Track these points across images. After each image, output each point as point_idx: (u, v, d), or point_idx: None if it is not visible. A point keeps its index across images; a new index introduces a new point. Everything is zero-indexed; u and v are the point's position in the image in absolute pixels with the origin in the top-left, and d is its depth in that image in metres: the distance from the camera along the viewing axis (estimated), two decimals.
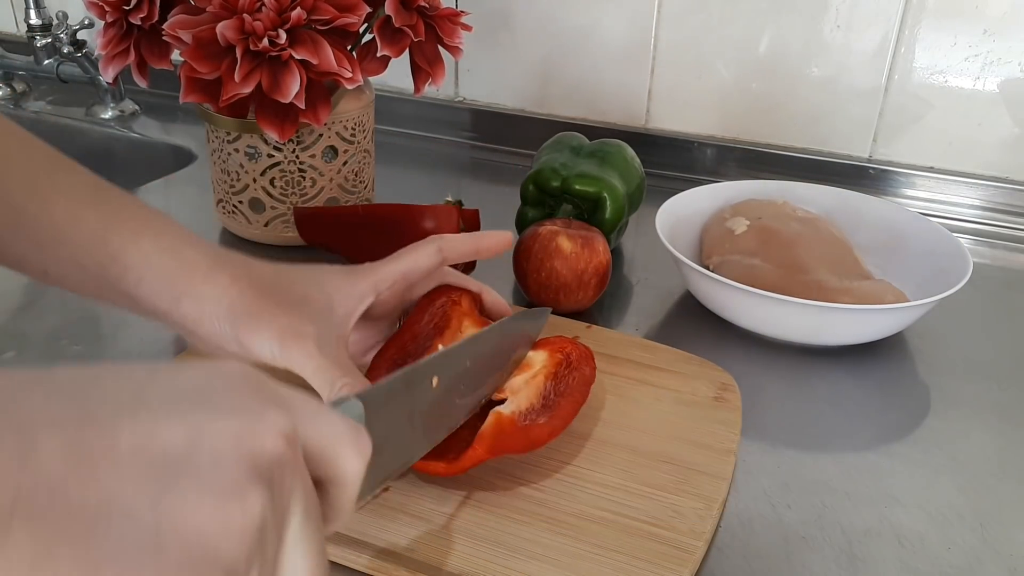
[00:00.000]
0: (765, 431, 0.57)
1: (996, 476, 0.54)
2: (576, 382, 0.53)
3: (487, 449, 0.46)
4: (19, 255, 0.46)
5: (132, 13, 0.71)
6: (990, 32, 0.85)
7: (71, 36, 1.08)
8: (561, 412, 0.50)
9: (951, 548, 0.48)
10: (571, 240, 0.67)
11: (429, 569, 0.43)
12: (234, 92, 0.63)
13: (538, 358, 0.54)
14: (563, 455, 0.52)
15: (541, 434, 0.49)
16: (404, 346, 0.52)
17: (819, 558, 0.47)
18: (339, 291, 0.49)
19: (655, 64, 0.98)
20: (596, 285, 0.67)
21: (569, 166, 0.75)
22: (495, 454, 0.47)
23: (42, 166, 0.46)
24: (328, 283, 0.50)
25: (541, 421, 0.49)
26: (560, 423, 0.50)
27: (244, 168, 0.76)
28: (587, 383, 0.53)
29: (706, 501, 0.48)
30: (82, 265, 0.45)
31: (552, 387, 0.52)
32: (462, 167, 1.05)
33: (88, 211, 0.45)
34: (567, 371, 0.54)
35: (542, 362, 0.54)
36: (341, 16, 0.65)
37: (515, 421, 0.48)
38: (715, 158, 0.99)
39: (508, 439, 0.47)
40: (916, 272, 0.71)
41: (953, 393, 0.62)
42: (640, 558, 0.44)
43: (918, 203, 0.92)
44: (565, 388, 0.52)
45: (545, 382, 0.52)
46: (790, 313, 0.63)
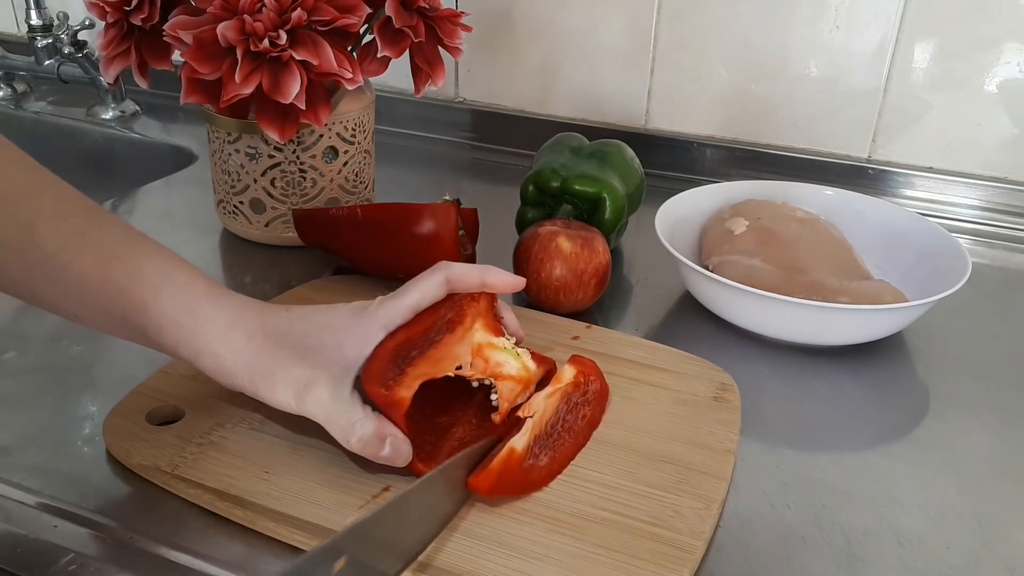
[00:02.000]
0: (764, 431, 0.58)
1: (995, 476, 0.54)
2: (584, 421, 0.53)
3: (489, 488, 0.47)
4: (51, 301, 0.49)
5: (133, 14, 0.71)
6: (989, 32, 0.85)
7: (72, 37, 1.09)
8: (560, 455, 0.51)
9: (950, 548, 0.48)
10: (571, 240, 0.67)
11: (429, 569, 0.44)
12: (235, 93, 0.63)
13: (568, 373, 0.54)
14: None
15: (537, 479, 0.49)
16: (412, 337, 0.51)
17: (818, 558, 0.47)
18: (350, 336, 0.50)
19: (655, 65, 0.98)
20: (596, 285, 0.68)
21: (569, 167, 0.75)
22: (493, 494, 0.47)
23: (73, 216, 0.49)
24: (340, 328, 0.50)
25: (543, 461, 0.49)
26: (557, 467, 0.50)
27: (245, 169, 0.76)
28: (592, 426, 0.54)
29: (705, 501, 0.48)
30: (109, 314, 0.49)
31: (563, 413, 0.52)
32: (462, 167, 1.05)
33: (115, 265, 0.48)
34: (581, 402, 0.54)
35: (569, 379, 0.54)
36: (341, 17, 0.65)
37: (522, 460, 0.48)
38: (715, 158, 0.99)
39: (509, 481, 0.48)
40: (915, 272, 0.71)
41: (952, 393, 0.62)
42: (640, 558, 0.45)
43: (917, 203, 0.92)
44: (573, 423, 0.52)
45: (560, 403, 0.53)
46: (789, 313, 0.63)
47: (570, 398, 0.53)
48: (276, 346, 0.48)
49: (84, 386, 0.60)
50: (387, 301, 0.52)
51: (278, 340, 0.49)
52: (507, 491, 0.48)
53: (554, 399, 0.52)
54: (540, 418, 0.51)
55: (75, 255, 0.47)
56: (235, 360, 0.48)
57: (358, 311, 0.51)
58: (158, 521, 0.48)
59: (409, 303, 0.52)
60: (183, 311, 0.48)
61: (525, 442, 0.49)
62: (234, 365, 0.48)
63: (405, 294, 0.52)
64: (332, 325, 0.51)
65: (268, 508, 0.47)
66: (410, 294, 0.52)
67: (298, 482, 0.49)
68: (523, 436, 0.49)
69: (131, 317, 0.48)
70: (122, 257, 0.48)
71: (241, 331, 0.49)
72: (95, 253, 0.48)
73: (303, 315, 0.51)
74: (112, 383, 0.59)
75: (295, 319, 0.50)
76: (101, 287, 0.48)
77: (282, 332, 0.49)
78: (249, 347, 0.48)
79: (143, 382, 0.57)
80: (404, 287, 0.53)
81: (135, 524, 0.47)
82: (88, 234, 0.48)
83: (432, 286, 0.53)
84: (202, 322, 0.48)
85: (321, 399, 0.47)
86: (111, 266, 0.48)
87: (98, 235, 0.48)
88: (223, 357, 0.48)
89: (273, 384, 0.48)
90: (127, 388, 0.56)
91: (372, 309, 0.52)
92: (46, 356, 0.63)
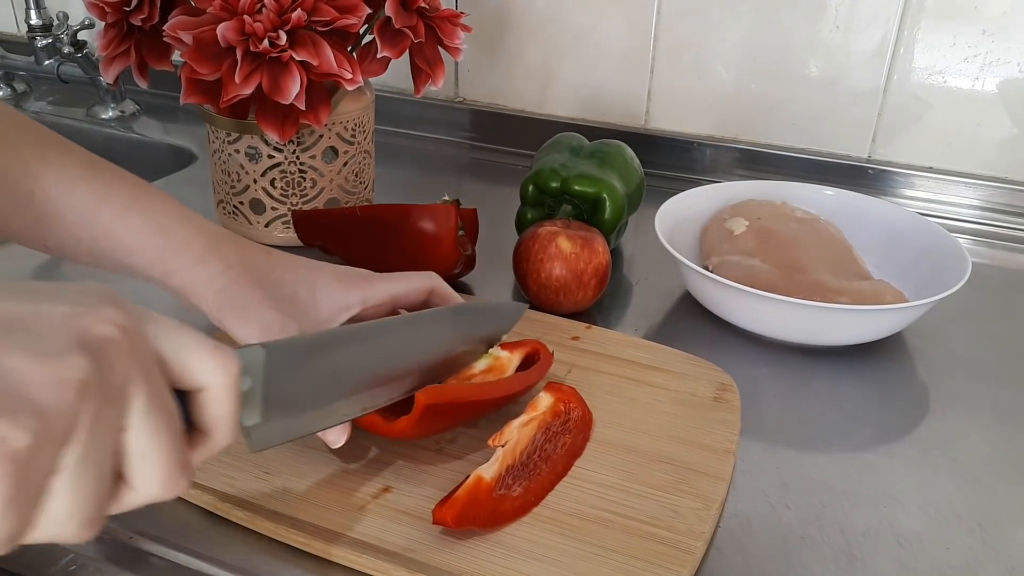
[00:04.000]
0: (764, 431, 0.58)
1: (994, 476, 0.54)
2: (564, 451, 0.51)
3: (455, 519, 0.44)
4: (19, 230, 0.48)
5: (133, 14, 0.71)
6: (989, 32, 0.85)
7: (72, 37, 1.09)
8: (537, 485, 0.49)
9: (949, 548, 0.48)
10: (571, 240, 0.67)
11: (429, 569, 0.44)
12: (235, 93, 0.63)
13: (544, 401, 0.52)
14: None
15: (510, 510, 0.47)
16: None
17: (818, 558, 0.47)
18: (328, 297, 0.51)
19: (655, 65, 0.98)
20: (596, 285, 0.68)
21: (568, 167, 0.75)
22: (460, 526, 0.45)
23: (33, 145, 0.48)
24: (319, 285, 0.51)
25: (516, 492, 0.47)
26: (534, 498, 0.48)
27: (245, 169, 0.76)
28: (573, 455, 0.51)
29: (705, 501, 0.48)
30: (77, 238, 0.48)
31: (540, 443, 0.50)
32: (462, 167, 1.05)
33: (79, 187, 0.48)
34: (561, 430, 0.52)
35: (545, 407, 0.52)
36: (341, 17, 0.65)
37: (492, 490, 0.46)
38: (714, 158, 0.99)
39: (478, 511, 0.45)
40: (915, 272, 0.71)
41: (952, 393, 0.62)
42: (639, 558, 0.45)
43: (917, 203, 0.92)
44: (552, 452, 0.50)
45: (536, 432, 0.51)
46: (789, 313, 0.63)
47: (548, 427, 0.51)
48: (253, 283, 0.48)
49: None
50: (373, 279, 0.53)
51: (256, 277, 0.49)
52: (476, 523, 0.45)
53: (530, 428, 0.51)
54: (513, 447, 0.49)
55: (39, 181, 0.47)
56: (208, 284, 0.48)
57: (341, 275, 0.52)
58: (158, 521, 0.48)
59: (393, 290, 0.53)
60: (155, 230, 0.48)
61: (494, 471, 0.47)
62: (206, 289, 0.48)
63: (393, 281, 0.53)
64: (312, 280, 0.51)
65: (268, 508, 0.47)
66: (398, 283, 0.53)
67: (298, 482, 0.49)
68: (492, 465, 0.47)
69: (100, 240, 0.48)
70: (88, 180, 0.48)
71: (219, 257, 0.48)
72: (59, 176, 0.47)
73: (283, 261, 0.51)
74: None
75: (275, 262, 0.51)
76: (67, 212, 0.47)
77: (261, 271, 0.49)
78: (226, 275, 0.48)
79: None
80: (394, 275, 0.54)
81: (135, 524, 0.47)
82: (50, 159, 0.48)
83: (418, 287, 0.54)
84: (176, 243, 0.48)
85: None
86: (77, 189, 0.47)
87: (60, 160, 0.48)
88: (196, 279, 0.48)
89: (243, 320, 0.48)
90: None
91: (356, 280, 0.52)
92: None
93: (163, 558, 0.46)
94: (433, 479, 0.50)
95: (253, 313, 0.48)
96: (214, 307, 0.48)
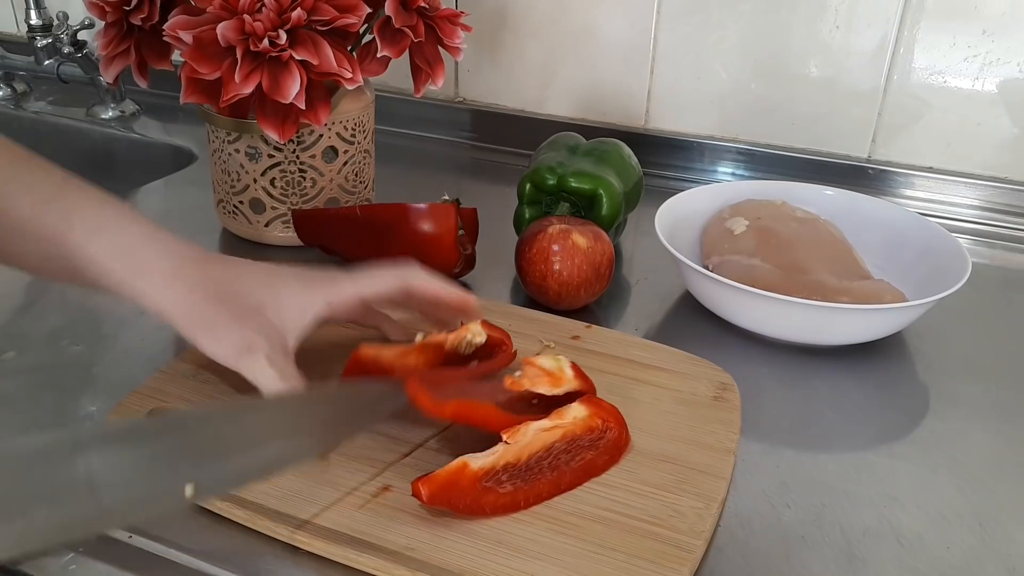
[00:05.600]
0: (764, 431, 0.58)
1: (995, 476, 0.54)
2: (579, 465, 0.49)
3: (429, 496, 0.44)
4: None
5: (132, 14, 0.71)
6: (989, 32, 0.85)
7: (71, 36, 1.09)
8: (531, 489, 0.47)
9: (950, 548, 0.48)
10: (583, 236, 0.67)
11: (429, 569, 0.44)
12: (234, 93, 0.63)
13: (574, 412, 0.51)
14: None
15: (491, 504, 0.46)
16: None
17: (818, 557, 0.47)
18: (292, 301, 0.51)
19: (654, 64, 0.98)
20: (610, 275, 0.69)
21: (565, 164, 0.75)
22: (433, 503, 0.45)
23: (5, 164, 0.49)
24: (283, 292, 0.52)
25: (505, 489, 0.46)
26: (523, 500, 0.47)
27: (244, 168, 0.76)
28: (589, 474, 0.50)
29: (705, 500, 0.48)
30: (49, 256, 0.49)
31: (556, 452, 0.49)
32: (462, 167, 1.05)
33: (50, 207, 0.49)
34: (587, 446, 0.50)
35: (575, 418, 0.50)
36: (341, 17, 0.65)
37: (477, 479, 0.46)
38: (714, 158, 0.99)
39: (456, 495, 0.45)
40: (915, 272, 0.71)
41: (952, 393, 0.62)
42: (640, 557, 0.45)
43: (917, 203, 0.92)
44: (564, 464, 0.49)
45: (557, 440, 0.49)
46: (789, 313, 0.63)
47: (574, 439, 0.50)
48: (218, 300, 0.49)
49: (84, 386, 0.60)
50: (339, 279, 0.53)
51: (219, 294, 0.50)
52: (451, 506, 0.45)
53: (551, 434, 0.49)
54: (521, 448, 0.48)
55: (11, 200, 0.48)
56: (175, 308, 0.49)
57: (304, 278, 0.52)
58: (158, 521, 0.48)
59: (357, 291, 0.53)
60: (122, 253, 0.49)
61: (484, 463, 0.46)
62: (173, 312, 0.49)
63: (359, 281, 0.53)
64: (274, 286, 0.52)
65: (268, 508, 0.47)
66: (362, 283, 0.53)
67: (298, 482, 0.49)
68: (485, 457, 0.47)
69: (71, 260, 0.49)
70: (58, 201, 0.49)
71: (183, 280, 0.49)
72: (31, 196, 0.48)
73: (247, 270, 0.52)
74: (112, 383, 0.59)
75: (240, 273, 0.51)
76: (39, 231, 0.48)
77: (224, 286, 0.50)
78: (191, 298, 0.49)
79: (143, 382, 0.57)
80: (362, 275, 0.53)
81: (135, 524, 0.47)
82: (22, 179, 0.49)
83: (387, 284, 0.54)
84: (142, 265, 0.49)
85: (259, 364, 0.48)
86: (47, 209, 0.49)
87: (32, 180, 0.49)
88: (165, 301, 0.49)
89: (213, 339, 0.49)
90: (127, 388, 0.56)
91: (320, 281, 0.53)
92: (46, 356, 0.63)
93: (163, 558, 0.46)
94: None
95: (222, 331, 0.49)
96: (185, 329, 0.49)
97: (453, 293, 0.56)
